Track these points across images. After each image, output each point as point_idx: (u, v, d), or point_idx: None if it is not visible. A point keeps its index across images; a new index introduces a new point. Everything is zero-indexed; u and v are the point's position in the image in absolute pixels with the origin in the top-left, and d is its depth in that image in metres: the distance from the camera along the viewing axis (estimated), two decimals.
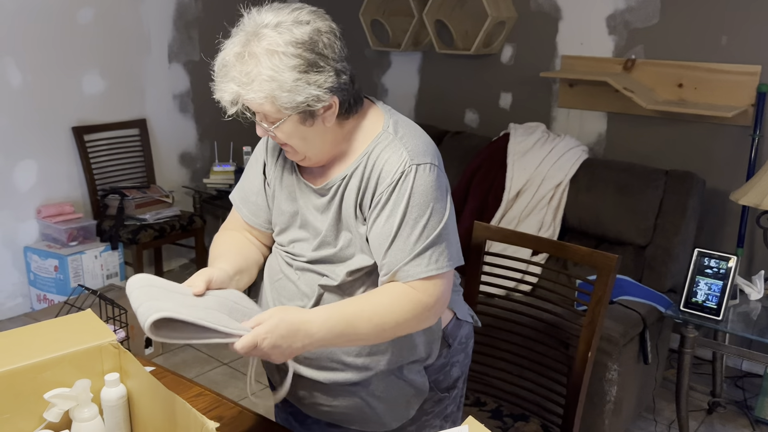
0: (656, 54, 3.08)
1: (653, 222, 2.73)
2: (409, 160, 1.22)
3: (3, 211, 3.41)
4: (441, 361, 1.38)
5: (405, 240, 1.21)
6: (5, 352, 1.16)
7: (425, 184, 1.22)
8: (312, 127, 1.23)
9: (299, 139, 1.24)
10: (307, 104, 1.18)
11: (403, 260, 1.21)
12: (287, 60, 1.15)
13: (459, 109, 3.85)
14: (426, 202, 1.22)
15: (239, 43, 1.18)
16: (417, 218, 1.21)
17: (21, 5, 3.32)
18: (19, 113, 3.40)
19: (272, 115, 1.20)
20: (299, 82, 1.16)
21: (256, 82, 1.15)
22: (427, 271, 1.21)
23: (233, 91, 1.18)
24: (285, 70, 1.15)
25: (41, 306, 3.48)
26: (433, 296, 1.22)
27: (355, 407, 1.34)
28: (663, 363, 2.73)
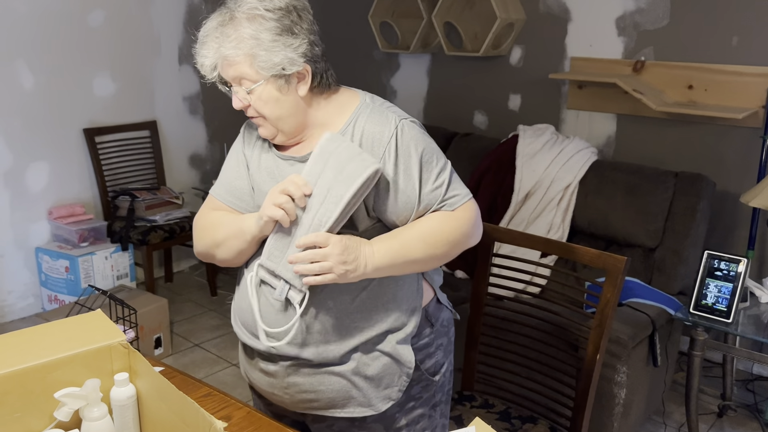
0: (666, 55, 3.07)
1: (663, 224, 2.72)
2: (396, 118, 1.32)
3: (15, 212, 3.44)
4: (425, 341, 1.41)
5: (432, 182, 1.31)
6: (16, 352, 1.17)
7: (419, 134, 1.33)
8: (286, 94, 1.29)
9: (273, 107, 1.30)
10: (282, 66, 1.26)
11: (439, 196, 1.32)
12: (265, 23, 1.25)
13: (468, 111, 3.85)
14: (429, 146, 1.33)
15: (221, 14, 1.29)
16: (429, 161, 1.32)
17: (33, 8, 3.35)
18: (31, 115, 3.43)
19: (249, 77, 1.27)
20: (276, 44, 1.25)
21: (237, 40, 1.25)
22: (462, 199, 1.34)
23: (214, 50, 1.27)
24: (263, 31, 1.24)
25: (52, 306, 3.51)
26: (473, 215, 1.35)
27: (342, 390, 1.35)
28: (672, 366, 2.71)
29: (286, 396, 1.39)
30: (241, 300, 1.41)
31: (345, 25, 4.34)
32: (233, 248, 1.37)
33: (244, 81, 1.28)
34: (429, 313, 1.42)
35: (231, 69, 1.28)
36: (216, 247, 1.40)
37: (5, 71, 3.31)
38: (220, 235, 1.39)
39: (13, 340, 1.23)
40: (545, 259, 2.80)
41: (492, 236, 1.90)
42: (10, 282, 3.48)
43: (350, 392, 1.35)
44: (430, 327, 1.42)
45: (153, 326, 3.08)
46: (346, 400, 1.36)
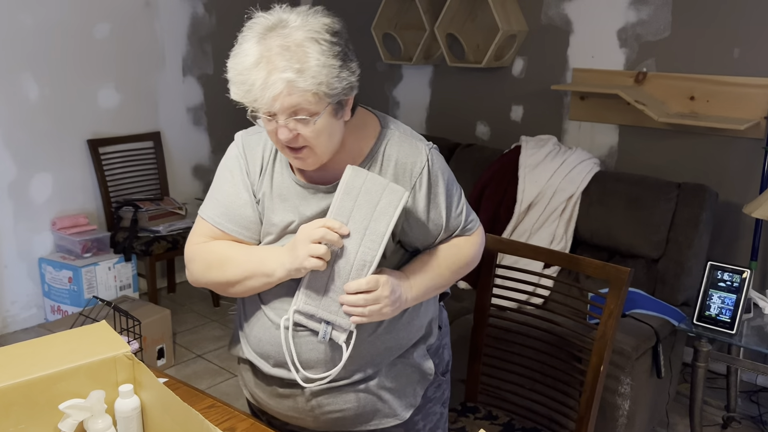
0: (668, 67, 3.08)
1: (666, 235, 2.72)
2: (426, 147, 1.33)
3: (19, 222, 3.45)
4: (436, 343, 1.45)
5: (456, 210, 1.36)
6: (21, 363, 1.18)
7: (443, 162, 1.37)
8: (337, 120, 1.22)
9: (327, 136, 1.21)
10: (345, 93, 1.19)
11: (460, 224, 1.38)
12: (330, 47, 1.15)
13: (470, 122, 3.86)
14: (451, 175, 1.37)
15: (265, 34, 1.15)
16: (452, 189, 1.36)
17: (39, 21, 3.37)
18: (36, 126, 3.45)
19: (310, 107, 1.15)
20: (342, 70, 1.17)
21: (307, 70, 1.13)
22: (477, 223, 1.42)
23: (286, 80, 1.12)
24: (331, 57, 1.15)
25: (55, 317, 3.51)
26: (483, 236, 1.46)
27: (368, 404, 1.35)
28: (676, 377, 2.70)
29: (309, 418, 1.36)
30: (261, 333, 1.35)
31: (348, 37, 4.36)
32: (254, 288, 1.30)
33: (301, 111, 1.16)
34: (436, 316, 1.47)
35: (291, 98, 1.14)
36: (230, 286, 1.32)
37: (11, 83, 3.33)
38: (235, 275, 1.30)
39: (18, 351, 1.23)
40: (548, 270, 2.80)
41: (495, 247, 1.90)
42: (13, 292, 3.49)
43: (376, 405, 1.36)
44: (439, 329, 1.46)
45: (156, 337, 3.08)
46: (373, 413, 1.36)
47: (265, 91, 1.13)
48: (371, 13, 3.97)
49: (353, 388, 1.34)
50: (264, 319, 1.34)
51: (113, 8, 3.64)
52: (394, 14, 3.96)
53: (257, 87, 1.14)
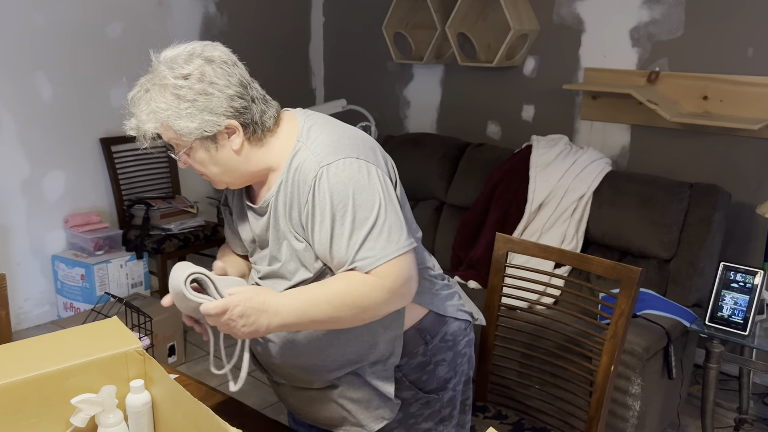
0: (681, 66, 3.06)
1: (678, 235, 2.70)
2: (317, 163, 1.24)
3: (32, 220, 3.48)
4: (418, 360, 1.38)
5: (342, 239, 1.22)
6: (34, 358, 1.19)
7: (341, 181, 1.22)
8: (219, 152, 1.29)
9: (213, 165, 1.31)
10: (204, 129, 1.25)
11: (349, 258, 1.22)
12: (176, 91, 1.24)
13: (481, 122, 3.85)
14: (346, 198, 1.22)
15: (145, 81, 1.30)
16: (343, 215, 1.22)
17: (52, 20, 3.40)
18: (49, 125, 3.48)
19: (176, 142, 1.29)
20: (190, 110, 1.24)
21: (152, 113, 1.26)
22: (376, 261, 1.21)
23: (134, 124, 1.29)
24: (174, 101, 1.24)
25: (68, 314, 3.54)
26: (391, 279, 1.22)
27: (335, 411, 1.39)
28: (688, 378, 2.69)
29: (297, 412, 1.47)
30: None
31: (359, 37, 4.37)
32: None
33: (175, 145, 1.31)
34: (422, 330, 1.38)
35: (163, 134, 1.29)
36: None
37: (25, 82, 3.36)
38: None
39: (31, 346, 1.24)
40: (559, 269, 2.79)
41: (506, 247, 1.89)
42: (26, 289, 3.52)
43: (341, 413, 1.39)
44: (425, 345, 1.38)
45: (167, 334, 3.10)
46: (341, 420, 1.40)
47: (129, 130, 1.32)
48: (382, 13, 3.97)
49: (319, 393, 1.39)
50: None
51: (126, 7, 3.66)
52: (405, 14, 3.96)
53: (127, 125, 1.32)
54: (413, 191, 3.51)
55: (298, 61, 4.55)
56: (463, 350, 1.46)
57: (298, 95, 4.52)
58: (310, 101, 4.64)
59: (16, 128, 3.36)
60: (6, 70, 3.29)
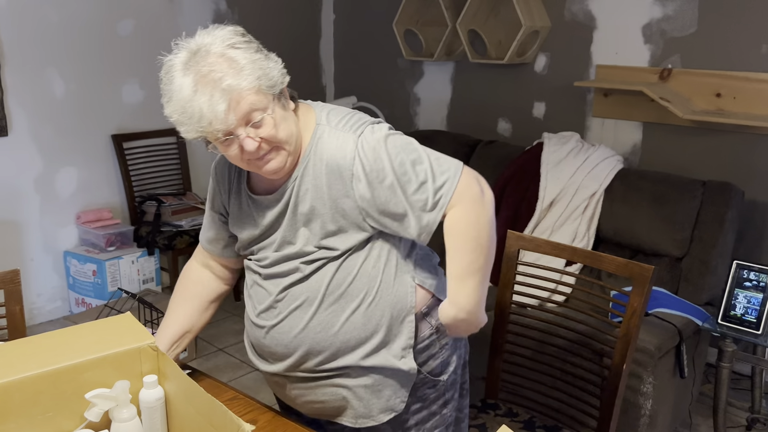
0: (694, 63, 3.04)
1: (690, 233, 2.69)
2: (354, 136, 1.28)
3: (44, 216, 3.51)
4: (425, 343, 1.40)
5: (416, 182, 1.27)
6: (49, 353, 1.19)
7: (380, 142, 1.28)
8: (287, 110, 1.28)
9: (286, 126, 1.25)
10: (281, 80, 1.25)
11: (433, 190, 1.28)
12: (246, 46, 1.23)
13: (492, 119, 3.84)
14: (395, 146, 1.28)
15: (189, 63, 1.20)
16: (401, 164, 1.27)
17: (64, 17, 3.42)
18: (62, 122, 3.50)
19: (259, 104, 1.21)
20: (267, 61, 1.24)
21: (238, 70, 1.19)
22: (451, 187, 1.28)
23: (229, 88, 1.17)
24: (251, 54, 1.22)
25: (79, 309, 3.56)
26: (473, 188, 1.31)
27: (343, 399, 1.38)
28: (700, 377, 2.67)
29: (297, 405, 1.46)
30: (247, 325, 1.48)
31: (369, 33, 4.36)
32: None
33: (254, 114, 1.21)
34: (428, 315, 1.41)
35: (241, 105, 1.19)
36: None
37: (38, 79, 3.38)
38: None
39: (46, 341, 1.25)
40: (570, 267, 2.78)
41: (517, 244, 1.89)
42: (39, 285, 3.54)
43: (351, 402, 1.38)
44: (430, 328, 1.41)
45: None
46: (349, 410, 1.40)
47: (216, 109, 1.17)
48: (393, 10, 3.96)
49: (330, 381, 1.38)
50: (247, 319, 1.47)
51: (137, 5, 3.67)
52: (416, 10, 3.95)
53: (206, 110, 1.18)
54: None
55: (308, 58, 4.55)
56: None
57: (308, 92, 4.53)
58: (320, 98, 4.65)
59: (29, 125, 3.38)
60: (19, 67, 3.31)
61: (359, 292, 1.33)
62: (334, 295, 1.33)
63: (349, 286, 1.33)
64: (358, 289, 1.33)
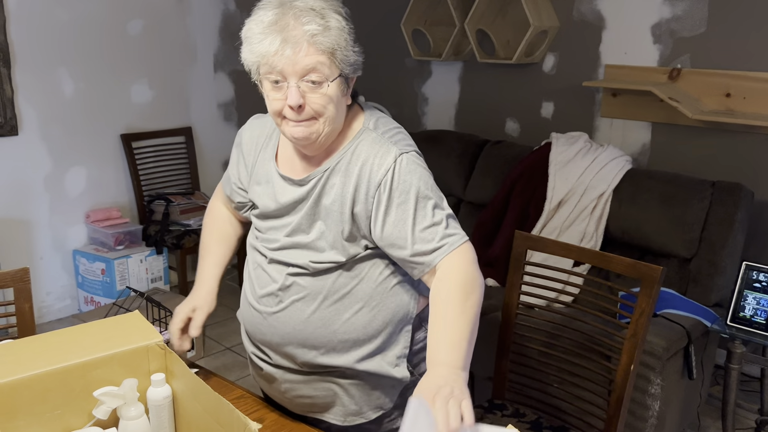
0: (703, 63, 3.02)
1: (699, 234, 2.67)
2: (397, 152, 1.28)
3: (54, 215, 3.53)
4: (418, 346, 1.40)
5: (428, 220, 1.26)
6: (58, 350, 1.20)
7: (418, 169, 1.28)
8: (344, 97, 1.28)
9: (334, 107, 1.25)
10: (354, 69, 1.27)
11: (438, 236, 1.26)
12: (345, 23, 1.24)
13: (499, 119, 3.83)
14: (427, 183, 1.28)
15: (284, 2, 1.21)
16: (426, 199, 1.27)
17: (74, 17, 3.44)
18: (71, 121, 3.52)
19: (324, 70, 1.21)
20: (355, 46, 1.26)
21: (327, 29, 1.20)
22: (462, 237, 1.28)
23: (310, 33, 1.18)
24: (347, 29, 1.25)
25: (88, 308, 3.58)
26: (471, 257, 1.28)
27: (335, 395, 1.39)
28: (708, 379, 2.66)
29: (286, 400, 1.45)
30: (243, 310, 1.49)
31: (377, 33, 4.36)
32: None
33: (314, 74, 1.20)
34: (423, 319, 1.41)
35: (310, 57, 1.19)
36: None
37: (48, 78, 3.40)
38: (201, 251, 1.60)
39: (55, 339, 1.26)
40: (578, 268, 2.77)
41: (524, 244, 1.89)
42: (48, 283, 3.57)
43: (342, 398, 1.39)
44: (424, 332, 1.40)
45: None
46: (339, 406, 1.40)
47: (286, 45, 1.18)
48: (401, 9, 3.96)
49: (323, 378, 1.38)
50: (244, 299, 1.47)
51: (146, 4, 3.69)
52: (424, 10, 3.95)
53: (278, 42, 1.18)
54: None
55: None
56: None
57: None
58: None
59: (39, 124, 3.41)
60: (29, 67, 3.33)
61: (363, 296, 1.33)
62: (338, 294, 1.33)
63: (354, 288, 1.33)
64: (363, 292, 1.33)
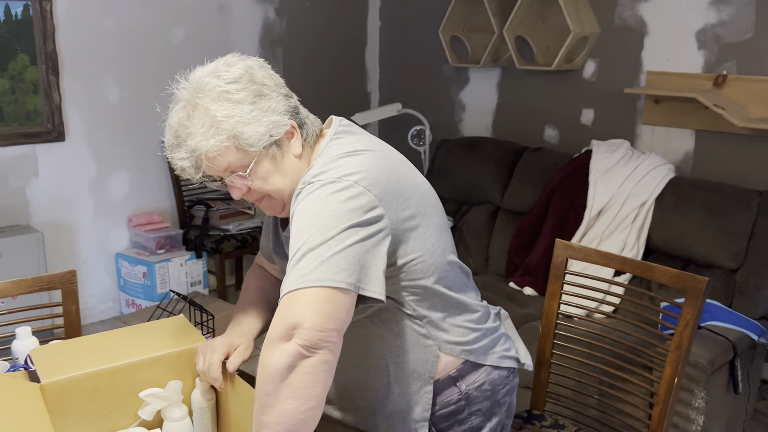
0: (750, 69, 2.95)
1: (745, 245, 2.60)
2: (311, 177, 1.13)
3: (98, 219, 3.61)
4: (452, 408, 1.29)
5: (294, 252, 1.07)
6: (106, 351, 1.23)
7: (321, 198, 1.09)
8: (284, 159, 1.19)
9: (275, 179, 1.18)
10: (270, 134, 1.16)
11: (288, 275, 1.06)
12: (235, 96, 1.14)
13: (538, 126, 3.80)
14: (316, 215, 1.07)
15: (182, 106, 1.18)
16: (304, 233, 1.07)
17: (120, 26, 3.53)
18: (116, 127, 3.60)
19: (239, 162, 1.15)
20: (254, 113, 1.14)
21: (213, 127, 1.13)
22: (290, 285, 1.03)
23: (192, 149, 1.14)
24: (236, 106, 1.14)
25: (129, 310, 3.65)
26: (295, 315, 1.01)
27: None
28: (755, 394, 2.58)
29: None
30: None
31: (415, 41, 4.37)
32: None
33: (234, 172, 1.17)
34: (458, 379, 1.29)
35: (217, 161, 1.15)
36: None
37: (95, 85, 3.49)
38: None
39: (103, 340, 1.29)
40: (618, 277, 2.73)
41: (565, 253, 1.86)
42: (91, 286, 3.65)
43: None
44: (459, 393, 1.28)
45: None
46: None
47: (182, 163, 1.16)
48: (439, 16, 3.96)
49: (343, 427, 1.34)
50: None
51: (189, 12, 3.76)
52: (462, 17, 3.94)
53: (178, 167, 1.17)
54: (468, 195, 3.49)
55: (354, 64, 4.58)
56: (503, 399, 1.35)
57: (353, 99, 4.56)
58: (365, 105, 4.67)
59: (85, 130, 3.50)
60: (77, 74, 3.43)
61: (377, 349, 1.26)
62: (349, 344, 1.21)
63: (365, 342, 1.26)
64: (376, 347, 1.25)
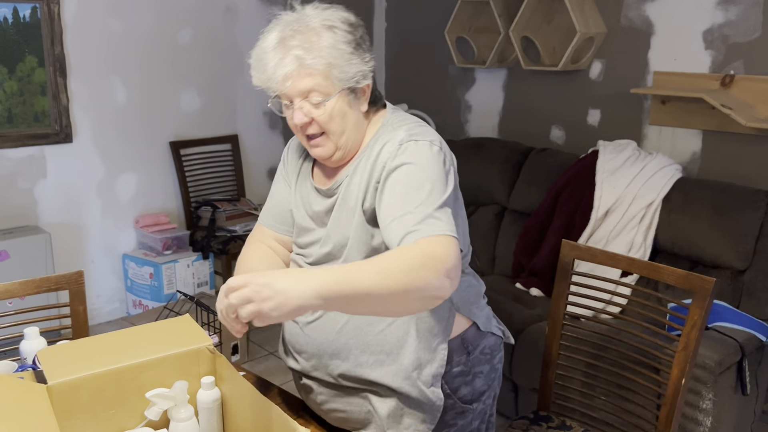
0: (757, 69, 2.94)
1: (753, 245, 2.59)
2: (407, 136, 1.26)
3: (105, 220, 3.63)
4: (459, 368, 1.38)
5: (414, 206, 1.16)
6: (112, 352, 1.24)
7: (424, 157, 1.23)
8: (352, 109, 1.29)
9: (341, 121, 1.28)
10: (356, 80, 1.26)
11: (412, 223, 1.14)
12: (342, 35, 1.24)
13: (544, 126, 3.79)
14: (426, 171, 1.21)
15: (291, 23, 1.26)
16: (420, 184, 1.19)
17: (127, 28, 3.54)
18: (123, 129, 3.62)
19: (322, 89, 1.24)
20: (353, 56, 1.25)
21: (317, 49, 1.22)
22: (436, 231, 1.13)
23: (296, 57, 1.22)
24: (342, 42, 1.24)
25: (136, 311, 3.67)
26: (445, 251, 1.10)
27: (369, 413, 1.36)
28: (763, 395, 2.57)
29: (323, 413, 1.44)
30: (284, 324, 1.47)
31: (421, 41, 4.37)
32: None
33: (314, 94, 1.25)
34: (466, 341, 1.38)
35: (304, 80, 1.24)
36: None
37: (102, 87, 3.51)
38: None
39: (110, 340, 1.29)
40: (625, 278, 2.72)
41: (571, 254, 1.86)
42: (98, 286, 3.67)
43: (373, 418, 1.36)
44: (467, 355, 1.38)
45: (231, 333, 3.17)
46: (374, 424, 1.37)
47: (278, 70, 1.24)
48: (445, 17, 3.96)
49: (357, 394, 1.36)
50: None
51: (196, 14, 3.78)
52: (468, 18, 3.94)
53: (271, 67, 1.25)
54: (474, 196, 3.49)
55: None
56: (497, 365, 1.48)
57: None
58: None
59: (92, 132, 3.51)
60: (84, 76, 3.44)
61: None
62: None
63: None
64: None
